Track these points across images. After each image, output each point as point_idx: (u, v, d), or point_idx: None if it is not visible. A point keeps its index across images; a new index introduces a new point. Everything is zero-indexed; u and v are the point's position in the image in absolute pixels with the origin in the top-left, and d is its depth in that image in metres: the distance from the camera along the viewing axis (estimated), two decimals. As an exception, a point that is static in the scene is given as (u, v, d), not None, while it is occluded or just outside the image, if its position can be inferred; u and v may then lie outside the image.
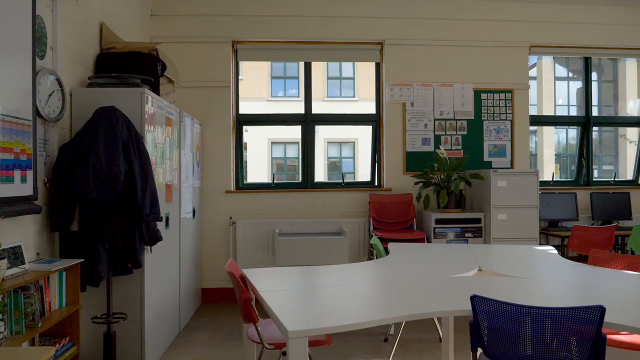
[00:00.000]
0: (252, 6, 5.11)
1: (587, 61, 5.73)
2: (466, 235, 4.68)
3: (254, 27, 5.10)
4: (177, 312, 3.95)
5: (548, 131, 12.22)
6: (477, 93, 5.32)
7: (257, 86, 13.04)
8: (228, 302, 4.95)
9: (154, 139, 3.36)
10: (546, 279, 2.49)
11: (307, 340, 1.75)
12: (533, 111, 11.17)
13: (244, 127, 5.32)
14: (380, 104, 5.33)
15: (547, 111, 11.67)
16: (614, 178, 5.75)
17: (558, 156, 12.23)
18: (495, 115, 5.33)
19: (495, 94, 5.34)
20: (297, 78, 13.26)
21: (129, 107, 3.12)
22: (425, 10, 5.27)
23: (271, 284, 2.39)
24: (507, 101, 5.34)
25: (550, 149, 12.69)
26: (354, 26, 5.21)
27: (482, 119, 5.32)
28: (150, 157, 3.18)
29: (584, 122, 5.70)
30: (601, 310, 1.72)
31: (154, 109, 3.36)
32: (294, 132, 5.36)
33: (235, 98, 5.22)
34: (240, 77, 5.39)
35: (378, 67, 5.39)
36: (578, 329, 1.75)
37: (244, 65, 11.66)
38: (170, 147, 3.75)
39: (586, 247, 4.49)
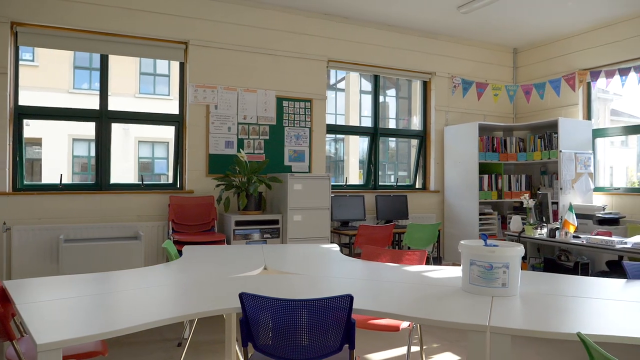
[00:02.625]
0: (38, -13, 4.59)
1: (376, 78, 6.43)
2: (265, 236, 4.86)
3: (40, 9, 4.58)
4: None
5: (354, 139, 13.42)
6: (280, 100, 5.57)
7: (56, 76, 11.70)
8: None
9: None
10: (322, 274, 2.72)
11: (61, 352, 1.62)
12: (341, 120, 12.15)
13: (25, 121, 4.74)
14: (184, 104, 5.24)
15: (353, 121, 12.81)
16: (396, 183, 6.55)
17: (362, 162, 13.51)
18: (295, 122, 5.64)
19: (296, 102, 5.65)
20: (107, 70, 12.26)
21: None
22: (232, 15, 5.35)
23: (41, 295, 2.17)
24: (306, 109, 5.70)
25: (355, 155, 13.93)
26: (158, 22, 5.03)
27: (284, 125, 5.59)
28: None
29: (373, 133, 6.38)
30: (350, 298, 1.94)
31: None
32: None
33: (14, 87, 4.61)
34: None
35: (182, 67, 5.28)
36: (333, 315, 1.95)
37: (40, 52, 10.36)
38: None
39: (371, 243, 5.02)
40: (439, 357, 3.43)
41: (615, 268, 4.67)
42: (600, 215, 5.23)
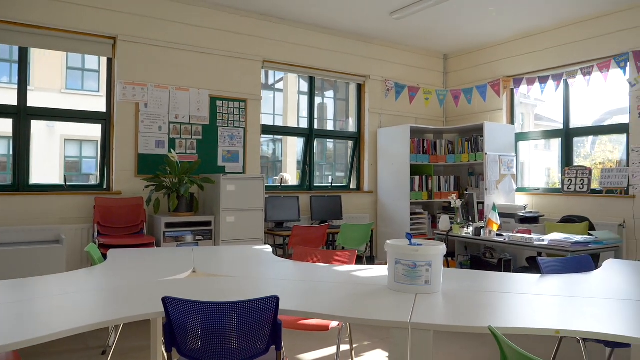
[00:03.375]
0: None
1: (312, 80, 6.47)
2: (197, 238, 4.76)
3: (-51, -2, 4.25)
4: None
5: (292, 140, 13.42)
6: (213, 100, 5.48)
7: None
8: None
9: None
10: (253, 276, 2.69)
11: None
12: (279, 121, 12.11)
13: None
14: (111, 102, 5.03)
15: (292, 122, 12.81)
16: (331, 184, 6.62)
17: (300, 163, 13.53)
18: (229, 122, 5.57)
19: (230, 102, 5.58)
20: (28, 63, 11.54)
21: None
22: (164, 11, 5.20)
23: None
24: (241, 110, 5.64)
25: (293, 156, 13.94)
26: (84, 15, 4.80)
27: (218, 125, 5.50)
28: None
29: (308, 134, 6.42)
30: (276, 299, 1.93)
31: None
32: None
33: None
34: None
35: (110, 63, 5.07)
36: (259, 317, 1.94)
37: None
38: None
39: (305, 244, 5.03)
40: (370, 355, 3.50)
41: (534, 264, 4.96)
42: (521, 214, 5.54)
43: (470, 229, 4.83)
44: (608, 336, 1.73)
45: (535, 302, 2.16)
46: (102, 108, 5.06)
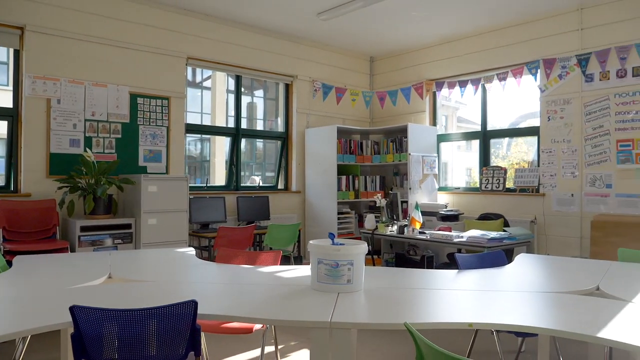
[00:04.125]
0: None
1: (238, 79, 6.36)
2: (116, 241, 4.53)
3: None
4: None
5: (220, 140, 13.16)
6: (134, 97, 5.24)
7: None
8: None
9: None
10: (173, 280, 2.59)
11: None
12: (207, 120, 11.81)
13: None
14: (19, 97, 4.67)
15: (220, 121, 12.54)
16: (259, 184, 6.55)
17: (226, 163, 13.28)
18: (151, 120, 5.36)
19: (152, 100, 5.36)
20: None
21: None
22: (78, 1, 4.90)
23: None
24: (164, 107, 5.44)
25: (222, 156, 13.67)
26: (-14, 3, 4.42)
27: (138, 123, 5.27)
28: None
29: (235, 134, 6.31)
30: (194, 304, 1.86)
31: None
32: None
33: None
34: None
35: (18, 54, 4.71)
36: (177, 323, 1.86)
37: None
38: None
39: (231, 245, 4.94)
40: (295, 355, 3.48)
41: (454, 260, 5.16)
42: (442, 212, 5.75)
43: (395, 228, 4.95)
44: (517, 327, 1.82)
45: (451, 297, 2.23)
46: (9, 103, 4.68)
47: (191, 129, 5.95)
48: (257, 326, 2.67)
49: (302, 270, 2.81)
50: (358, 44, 7.05)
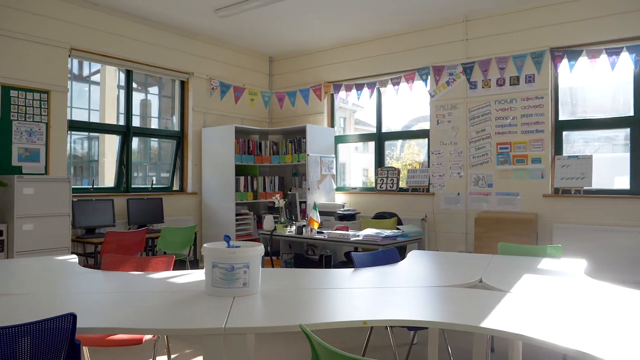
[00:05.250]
0: None
1: (129, 74, 5.99)
2: (-17, 250, 4.04)
3: None
4: None
5: (110, 138, 12.35)
6: (6, 89, 4.72)
7: None
8: None
9: None
10: (51, 292, 2.33)
11: None
12: (95, 117, 11.02)
13: None
14: None
15: (110, 118, 11.76)
16: (152, 185, 6.22)
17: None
18: (28, 116, 4.86)
19: (28, 93, 4.87)
20: None
21: None
22: None
23: None
24: (42, 102, 4.96)
25: (112, 156, 12.83)
26: None
27: (12, 118, 4.75)
28: None
29: (125, 132, 5.94)
30: (72, 317, 1.69)
31: None
32: None
33: None
34: None
35: None
36: (54, 339, 1.68)
37: None
38: None
39: (121, 251, 4.63)
40: (191, 364, 3.34)
41: (351, 258, 5.27)
42: (340, 212, 5.87)
43: (294, 228, 4.94)
44: (409, 322, 1.88)
45: (347, 295, 2.25)
46: None
47: (76, 126, 5.50)
48: (148, 336, 2.51)
49: (197, 275, 2.69)
50: (257, 44, 6.97)
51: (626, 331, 1.70)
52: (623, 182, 4.99)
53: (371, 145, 6.88)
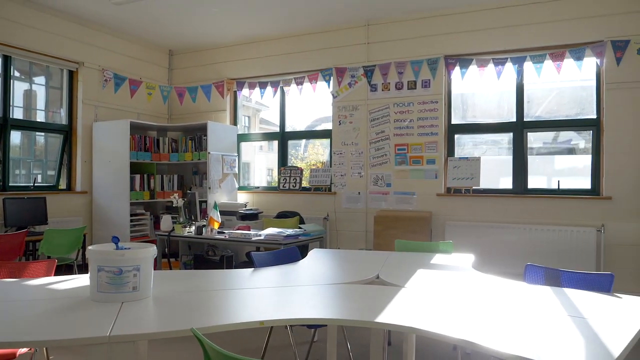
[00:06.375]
0: None
1: (6, 60, 5.42)
2: None
3: None
4: None
5: (15, 136, 11.13)
6: None
7: None
8: None
9: None
10: None
11: None
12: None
13: None
14: None
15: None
16: (33, 183, 5.68)
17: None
18: None
19: None
20: None
21: None
22: None
23: None
24: None
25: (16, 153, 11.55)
26: None
27: None
28: None
29: (2, 124, 5.36)
30: None
31: None
32: None
33: None
34: None
35: None
36: None
37: None
38: None
39: (-3, 256, 4.17)
40: (76, 377, 3.07)
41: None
42: (242, 211, 5.76)
43: (193, 228, 4.77)
44: (307, 320, 1.86)
45: (246, 296, 2.19)
46: None
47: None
48: (23, 350, 2.26)
49: (82, 280, 2.47)
50: (156, 35, 6.64)
51: (507, 319, 1.81)
52: (507, 182, 5.42)
53: (275, 144, 6.85)
